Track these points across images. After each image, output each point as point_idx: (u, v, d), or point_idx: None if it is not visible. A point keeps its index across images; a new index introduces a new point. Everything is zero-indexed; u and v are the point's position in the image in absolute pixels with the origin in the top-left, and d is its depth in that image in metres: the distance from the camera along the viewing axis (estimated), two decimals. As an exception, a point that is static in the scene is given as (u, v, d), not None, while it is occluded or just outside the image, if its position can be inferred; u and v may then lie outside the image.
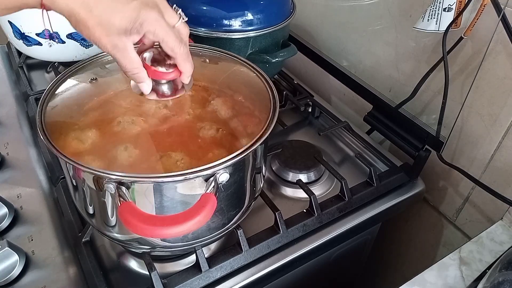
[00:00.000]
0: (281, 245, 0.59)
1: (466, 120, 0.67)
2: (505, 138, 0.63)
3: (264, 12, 0.74)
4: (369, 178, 0.67)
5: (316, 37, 0.93)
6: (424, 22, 0.61)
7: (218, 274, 0.55)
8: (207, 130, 0.57)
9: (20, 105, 0.81)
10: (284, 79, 0.91)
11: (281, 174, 0.70)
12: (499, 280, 0.47)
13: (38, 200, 0.62)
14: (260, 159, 0.53)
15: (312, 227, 0.61)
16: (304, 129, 0.82)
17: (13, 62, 0.95)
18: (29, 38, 0.81)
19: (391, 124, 0.74)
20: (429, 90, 0.71)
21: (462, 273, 0.56)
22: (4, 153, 0.69)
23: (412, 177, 0.70)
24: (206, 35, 0.72)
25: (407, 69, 0.75)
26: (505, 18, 0.56)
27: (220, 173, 0.44)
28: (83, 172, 0.46)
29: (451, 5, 0.58)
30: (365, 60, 0.83)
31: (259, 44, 0.75)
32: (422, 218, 0.82)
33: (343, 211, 0.64)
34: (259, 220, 0.62)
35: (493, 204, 0.67)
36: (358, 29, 0.82)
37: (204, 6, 0.73)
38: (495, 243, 0.60)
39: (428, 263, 0.57)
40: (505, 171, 0.64)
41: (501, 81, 0.60)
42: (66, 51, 0.83)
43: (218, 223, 0.51)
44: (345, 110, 0.92)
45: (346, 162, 0.75)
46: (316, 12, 0.92)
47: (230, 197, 0.50)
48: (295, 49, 0.77)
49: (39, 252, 0.56)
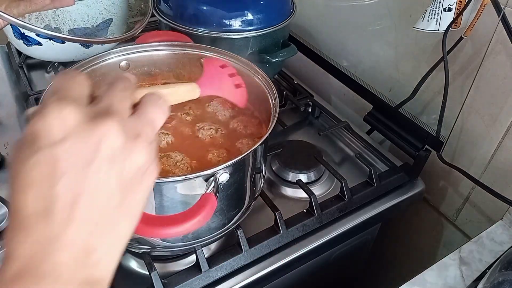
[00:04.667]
0: (281, 245, 0.59)
1: (466, 120, 0.67)
2: (505, 138, 0.63)
3: (264, 12, 0.74)
4: (369, 178, 0.67)
5: (316, 37, 0.93)
6: (424, 22, 0.61)
7: (218, 274, 0.55)
8: (207, 130, 0.57)
9: (20, 105, 0.81)
10: (284, 79, 0.91)
11: (281, 174, 0.70)
12: (499, 280, 0.47)
13: (38, 200, 0.62)
14: (260, 159, 0.53)
15: (312, 227, 0.61)
16: (304, 129, 0.82)
17: (13, 62, 0.94)
18: (29, 38, 0.81)
19: (391, 124, 0.74)
20: (429, 90, 0.71)
21: (462, 273, 0.56)
22: (4, 153, 0.69)
23: (412, 177, 0.70)
24: (206, 35, 0.72)
25: (407, 69, 0.75)
26: (505, 18, 0.56)
27: (220, 173, 0.44)
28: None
29: (451, 5, 0.58)
30: (365, 60, 0.83)
31: (259, 44, 0.75)
32: (422, 218, 0.82)
33: (343, 211, 0.64)
34: (259, 220, 0.62)
35: (493, 204, 0.67)
36: (358, 29, 0.82)
37: (204, 6, 0.73)
38: (495, 243, 0.60)
39: (428, 263, 0.57)
40: (505, 171, 0.64)
41: (501, 81, 0.60)
42: (66, 51, 0.83)
43: (218, 223, 0.51)
44: (345, 110, 0.92)
45: (346, 162, 0.75)
46: (316, 12, 0.92)
47: (230, 197, 0.50)
48: (295, 49, 0.77)
49: (39, 252, 0.55)
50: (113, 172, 0.27)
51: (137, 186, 0.29)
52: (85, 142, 0.26)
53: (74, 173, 0.26)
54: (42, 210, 0.26)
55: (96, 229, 0.27)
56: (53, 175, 0.26)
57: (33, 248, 0.25)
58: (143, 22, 0.64)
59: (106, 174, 0.27)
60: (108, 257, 0.28)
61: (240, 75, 0.58)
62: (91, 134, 0.27)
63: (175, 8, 0.75)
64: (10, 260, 0.25)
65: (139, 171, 0.29)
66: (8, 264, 0.25)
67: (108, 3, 0.78)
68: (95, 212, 0.27)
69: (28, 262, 0.25)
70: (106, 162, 0.27)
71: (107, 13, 0.79)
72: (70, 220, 0.26)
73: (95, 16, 0.78)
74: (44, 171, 0.26)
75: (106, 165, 0.27)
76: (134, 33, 0.62)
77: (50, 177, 0.26)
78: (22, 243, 0.25)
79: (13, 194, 0.26)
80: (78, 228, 0.26)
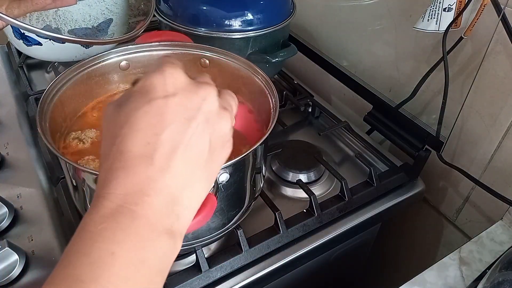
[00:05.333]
0: (281, 245, 0.59)
1: (466, 120, 0.67)
2: (505, 138, 0.63)
3: (264, 12, 0.74)
4: (369, 178, 0.67)
5: (316, 37, 0.93)
6: (424, 22, 0.61)
7: (218, 274, 0.55)
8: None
9: (20, 105, 0.81)
10: (284, 79, 0.91)
11: (281, 174, 0.70)
12: (499, 280, 0.47)
13: (38, 200, 0.62)
14: (260, 159, 0.53)
15: (312, 227, 0.61)
16: (304, 129, 0.82)
17: (13, 62, 0.94)
18: (29, 38, 0.81)
19: (391, 124, 0.74)
20: (429, 90, 0.71)
21: (462, 273, 0.56)
22: (4, 153, 0.69)
23: (412, 177, 0.70)
24: (206, 35, 0.72)
25: (407, 69, 0.75)
26: (505, 18, 0.56)
27: (220, 173, 0.44)
28: (83, 172, 0.46)
29: (451, 5, 0.58)
30: (365, 60, 0.83)
31: (259, 44, 0.75)
32: (422, 218, 0.82)
33: (343, 211, 0.64)
34: (259, 220, 0.62)
35: (493, 204, 0.67)
36: (358, 29, 0.82)
37: (204, 6, 0.73)
38: (495, 243, 0.60)
39: (428, 263, 0.57)
40: (505, 171, 0.64)
41: (501, 81, 0.60)
42: (66, 51, 0.83)
43: (218, 223, 0.51)
44: (345, 110, 0.92)
45: (346, 162, 0.75)
46: (316, 12, 0.92)
47: (230, 197, 0.50)
48: (295, 49, 0.77)
49: (39, 252, 0.55)
50: (207, 131, 0.31)
51: (219, 152, 0.33)
52: (191, 99, 0.30)
53: (177, 125, 0.29)
54: (145, 154, 0.28)
55: (184, 182, 0.30)
56: (160, 123, 0.29)
57: (132, 188, 0.28)
58: (145, 22, 0.64)
59: (202, 132, 0.30)
60: (187, 213, 0.30)
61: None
62: (196, 94, 0.31)
63: (175, 8, 0.75)
64: (105, 199, 0.28)
65: (223, 139, 0.33)
66: (102, 202, 0.27)
67: (110, 3, 0.78)
68: (188, 165, 0.30)
69: (124, 202, 0.27)
70: (203, 121, 0.31)
71: (109, 13, 0.79)
72: (167, 167, 0.29)
73: (97, 16, 0.78)
74: (154, 119, 0.29)
75: (203, 124, 0.30)
76: (137, 33, 0.62)
77: (158, 126, 0.29)
78: (121, 183, 0.28)
79: (120, 137, 0.29)
80: (172, 177, 0.29)
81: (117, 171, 0.28)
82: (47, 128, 0.49)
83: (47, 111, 0.51)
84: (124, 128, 0.29)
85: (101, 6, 0.77)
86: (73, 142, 0.54)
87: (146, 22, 0.64)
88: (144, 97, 0.30)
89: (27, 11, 0.54)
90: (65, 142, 0.55)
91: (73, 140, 0.54)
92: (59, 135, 0.54)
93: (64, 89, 0.55)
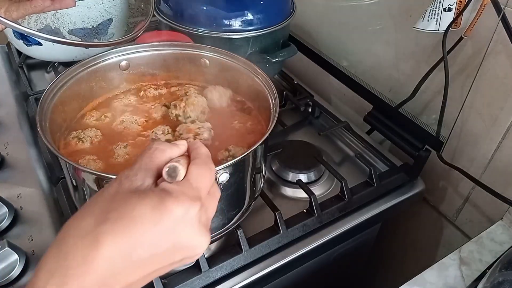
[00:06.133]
0: (281, 245, 0.59)
1: (466, 120, 0.67)
2: (505, 138, 0.63)
3: (264, 12, 0.74)
4: (369, 178, 0.67)
5: (316, 37, 0.93)
6: (424, 22, 0.61)
7: (218, 274, 0.55)
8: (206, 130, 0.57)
9: (20, 105, 0.81)
10: (284, 79, 0.91)
11: (281, 174, 0.70)
12: (499, 280, 0.47)
13: (38, 200, 0.62)
14: (260, 159, 0.53)
15: (312, 227, 0.61)
16: (304, 129, 0.82)
17: (13, 62, 0.94)
18: (29, 38, 0.81)
19: (391, 124, 0.74)
20: (429, 90, 0.71)
21: (462, 273, 0.56)
22: (4, 153, 0.69)
23: (412, 177, 0.70)
24: (206, 35, 0.72)
25: (407, 69, 0.75)
26: (505, 18, 0.56)
27: (220, 173, 0.44)
28: (83, 172, 0.46)
29: (451, 5, 0.58)
30: (365, 60, 0.83)
31: (259, 44, 0.75)
32: (422, 218, 0.82)
33: (343, 211, 0.64)
34: (259, 220, 0.62)
35: (493, 204, 0.67)
36: (358, 29, 0.82)
37: (204, 6, 0.73)
38: (495, 243, 0.60)
39: (428, 263, 0.57)
40: (505, 171, 0.64)
41: (501, 81, 0.60)
42: (66, 51, 0.83)
43: (218, 223, 0.51)
44: (345, 110, 0.92)
45: (346, 162, 0.75)
46: (316, 12, 0.92)
47: (230, 197, 0.50)
48: (295, 49, 0.77)
49: (39, 252, 0.55)
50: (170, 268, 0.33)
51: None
52: (172, 256, 0.32)
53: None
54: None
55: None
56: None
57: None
58: (145, 23, 0.64)
59: (165, 270, 0.33)
60: None
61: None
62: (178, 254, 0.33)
63: (175, 8, 0.75)
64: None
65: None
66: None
67: (108, 5, 0.78)
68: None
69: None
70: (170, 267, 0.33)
71: (108, 15, 0.79)
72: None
73: (95, 18, 0.78)
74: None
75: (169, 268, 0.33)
76: (137, 34, 0.62)
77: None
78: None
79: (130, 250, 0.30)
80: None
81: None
82: (47, 128, 0.49)
83: (47, 111, 0.51)
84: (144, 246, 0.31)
85: (100, 8, 0.77)
86: (72, 141, 0.54)
87: (145, 23, 0.64)
88: (158, 217, 0.31)
89: (26, 14, 0.54)
90: (65, 140, 0.55)
91: (72, 139, 0.54)
92: (59, 135, 0.54)
93: (64, 89, 0.55)
